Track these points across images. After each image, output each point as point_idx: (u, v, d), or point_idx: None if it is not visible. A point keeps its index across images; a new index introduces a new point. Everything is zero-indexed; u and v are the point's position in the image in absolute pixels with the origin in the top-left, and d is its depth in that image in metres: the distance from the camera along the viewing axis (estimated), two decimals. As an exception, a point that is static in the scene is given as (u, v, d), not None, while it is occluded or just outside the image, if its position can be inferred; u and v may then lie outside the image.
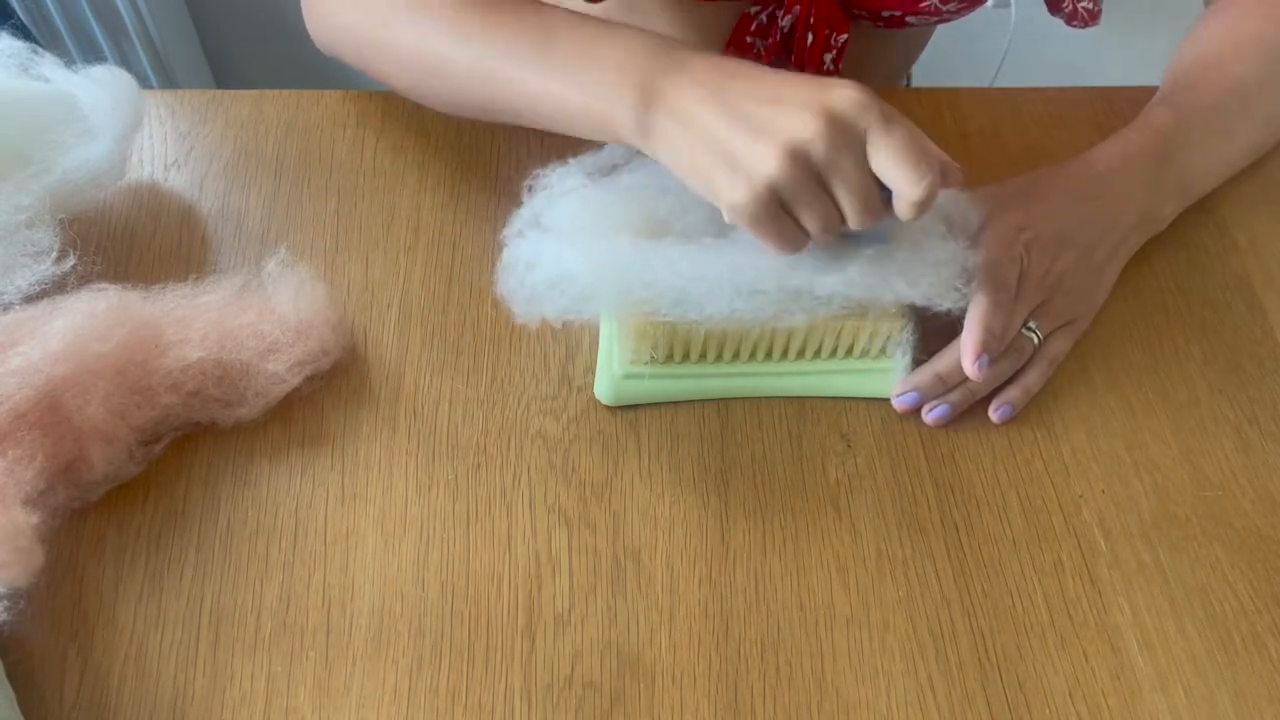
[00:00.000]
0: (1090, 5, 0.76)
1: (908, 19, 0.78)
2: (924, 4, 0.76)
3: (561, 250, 0.54)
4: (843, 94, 0.50)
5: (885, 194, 0.51)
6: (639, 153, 0.58)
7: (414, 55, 0.62)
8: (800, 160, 0.49)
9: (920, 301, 0.56)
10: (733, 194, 0.50)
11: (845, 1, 0.78)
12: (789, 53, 0.81)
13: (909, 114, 0.73)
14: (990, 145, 0.73)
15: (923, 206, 0.50)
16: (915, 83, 1.05)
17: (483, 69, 0.59)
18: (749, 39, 0.81)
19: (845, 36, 0.79)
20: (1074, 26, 0.78)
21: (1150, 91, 0.71)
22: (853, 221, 0.52)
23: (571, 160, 0.58)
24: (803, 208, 0.51)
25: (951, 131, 0.73)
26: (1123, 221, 0.63)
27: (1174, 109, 0.66)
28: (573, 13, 0.59)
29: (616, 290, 0.53)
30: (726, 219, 0.52)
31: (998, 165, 0.71)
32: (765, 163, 0.49)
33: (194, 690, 0.51)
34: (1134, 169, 0.64)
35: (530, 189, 0.57)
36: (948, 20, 0.80)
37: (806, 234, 0.52)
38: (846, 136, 0.49)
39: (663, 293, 0.53)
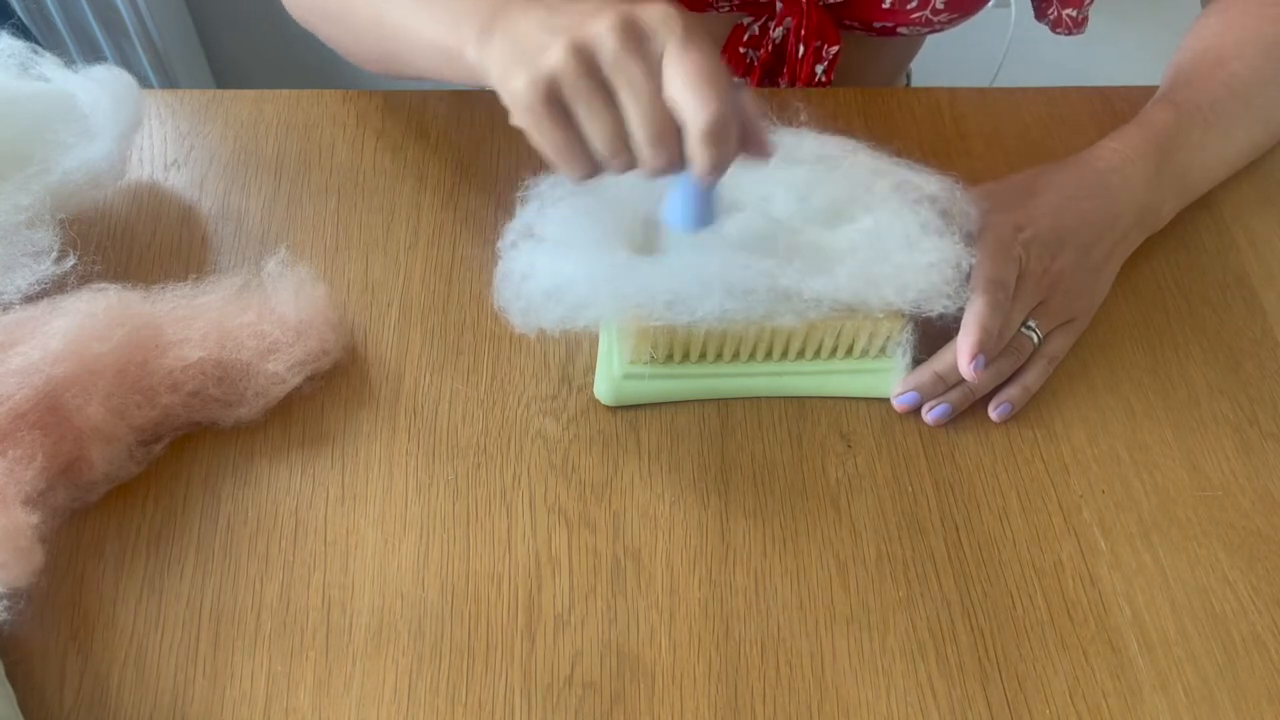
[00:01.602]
0: (1074, 14, 0.76)
1: (899, 29, 0.78)
2: (915, 15, 0.76)
3: (555, 259, 0.54)
4: (651, 6, 0.47)
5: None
6: None
7: (333, 6, 0.63)
8: (583, 55, 0.46)
9: (908, 308, 0.56)
10: (517, 83, 0.47)
11: (837, 13, 0.78)
12: (781, 64, 0.81)
13: (908, 114, 0.74)
14: (990, 145, 0.73)
15: (712, 140, 0.45)
16: (914, 83, 1.05)
17: (374, 13, 0.59)
18: (741, 50, 0.81)
19: (837, 49, 0.79)
20: (1059, 33, 0.78)
21: (1149, 91, 0.71)
22: (639, 144, 0.47)
23: None
24: (583, 108, 0.47)
25: (951, 131, 0.73)
26: (1122, 220, 0.63)
27: (1174, 107, 0.66)
28: None
29: (611, 296, 0.53)
30: (513, 118, 0.49)
31: (997, 165, 0.71)
32: (550, 54, 0.46)
33: (194, 690, 0.51)
34: (1134, 166, 0.64)
35: (522, 199, 0.57)
36: (939, 30, 0.80)
37: (591, 156, 0.49)
38: (639, 43, 0.46)
39: (656, 295, 0.53)
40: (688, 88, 0.45)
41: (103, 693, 0.50)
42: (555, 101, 0.47)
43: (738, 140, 0.47)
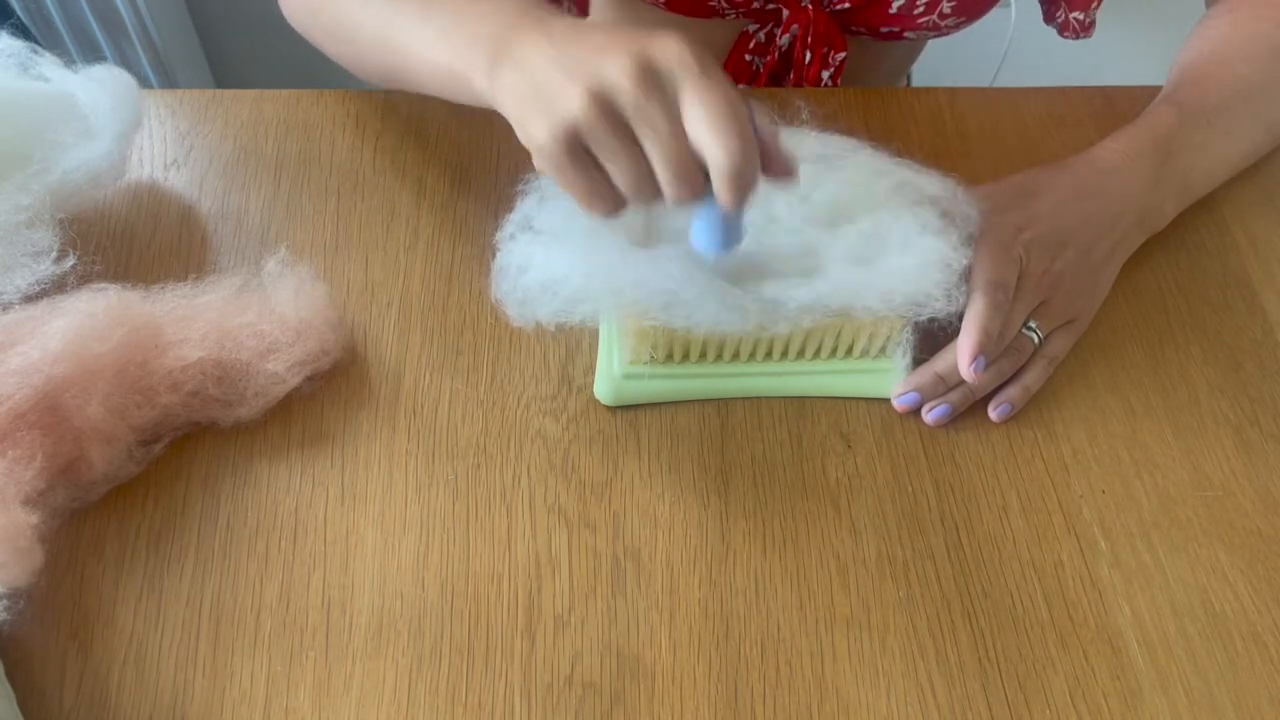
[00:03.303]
0: (1082, 17, 0.76)
1: (906, 34, 0.78)
2: (922, 20, 0.76)
3: (553, 252, 0.54)
4: (665, 42, 0.47)
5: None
6: None
7: (333, 22, 0.63)
8: (603, 102, 0.46)
9: (895, 314, 0.55)
10: (538, 133, 0.48)
11: (843, 19, 0.78)
12: (787, 70, 0.81)
13: (909, 114, 0.74)
14: (990, 145, 0.73)
15: (735, 179, 0.46)
16: (915, 83, 1.05)
17: (378, 33, 0.59)
18: (747, 57, 0.81)
19: (843, 55, 0.79)
20: (1066, 37, 0.78)
21: (1150, 91, 0.71)
22: (664, 183, 0.48)
23: None
24: (607, 155, 0.47)
25: (951, 131, 0.73)
26: (1123, 220, 0.63)
27: (1177, 108, 0.66)
28: None
29: (608, 291, 0.53)
30: (536, 165, 0.49)
31: (998, 165, 0.71)
32: (568, 101, 0.46)
33: (194, 690, 0.51)
34: (1135, 167, 0.64)
35: (521, 193, 0.57)
36: (945, 34, 0.80)
37: (617, 194, 0.49)
38: (656, 83, 0.46)
39: (653, 294, 0.53)
40: (708, 126, 0.45)
41: (103, 693, 0.50)
42: (577, 148, 0.48)
43: (759, 168, 0.47)
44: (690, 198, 0.48)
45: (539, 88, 0.48)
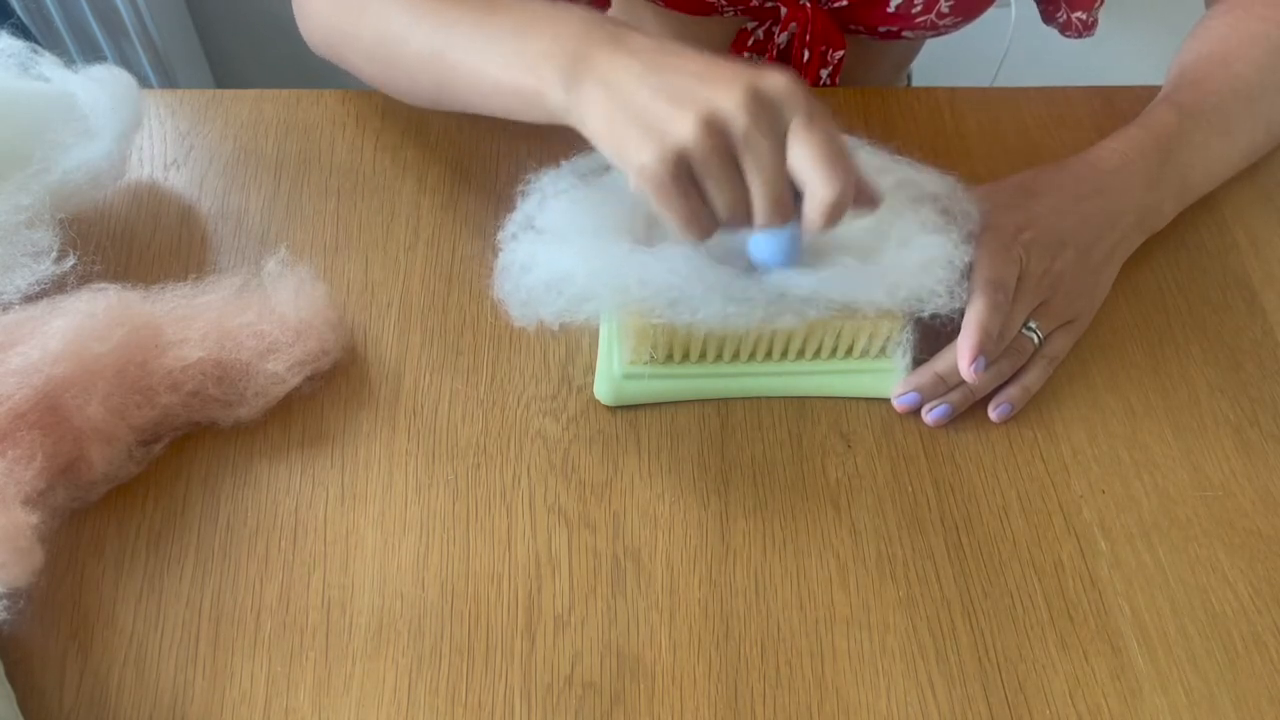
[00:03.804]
0: (1084, 16, 0.76)
1: (904, 33, 0.78)
2: (920, 19, 0.76)
3: (557, 251, 0.54)
4: (774, 79, 0.48)
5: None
6: None
7: (375, 43, 0.62)
8: (716, 130, 0.48)
9: (899, 309, 0.55)
10: (641, 155, 0.48)
11: (841, 17, 0.78)
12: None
13: (909, 114, 0.74)
14: (990, 145, 0.73)
15: (833, 214, 0.48)
16: (915, 82, 1.05)
17: (430, 50, 0.59)
18: (745, 55, 0.81)
19: (842, 53, 0.79)
20: (1068, 36, 0.78)
21: (1150, 91, 0.71)
22: (760, 211, 0.50)
23: (564, 163, 0.58)
24: (712, 183, 0.49)
25: (951, 131, 0.73)
26: (1122, 220, 0.63)
27: (1177, 107, 0.66)
28: None
29: (613, 289, 0.53)
30: (633, 185, 0.50)
31: (998, 165, 0.71)
32: (680, 127, 0.47)
33: (194, 690, 0.51)
34: (1135, 167, 0.64)
35: (523, 193, 0.57)
36: (944, 34, 0.80)
37: (714, 218, 0.51)
38: (769, 117, 0.48)
39: (659, 291, 0.53)
40: (815, 163, 0.48)
41: (103, 693, 0.50)
42: (683, 173, 0.49)
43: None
44: (781, 225, 0.50)
45: (641, 111, 0.49)
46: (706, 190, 0.49)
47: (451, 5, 0.58)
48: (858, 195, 0.50)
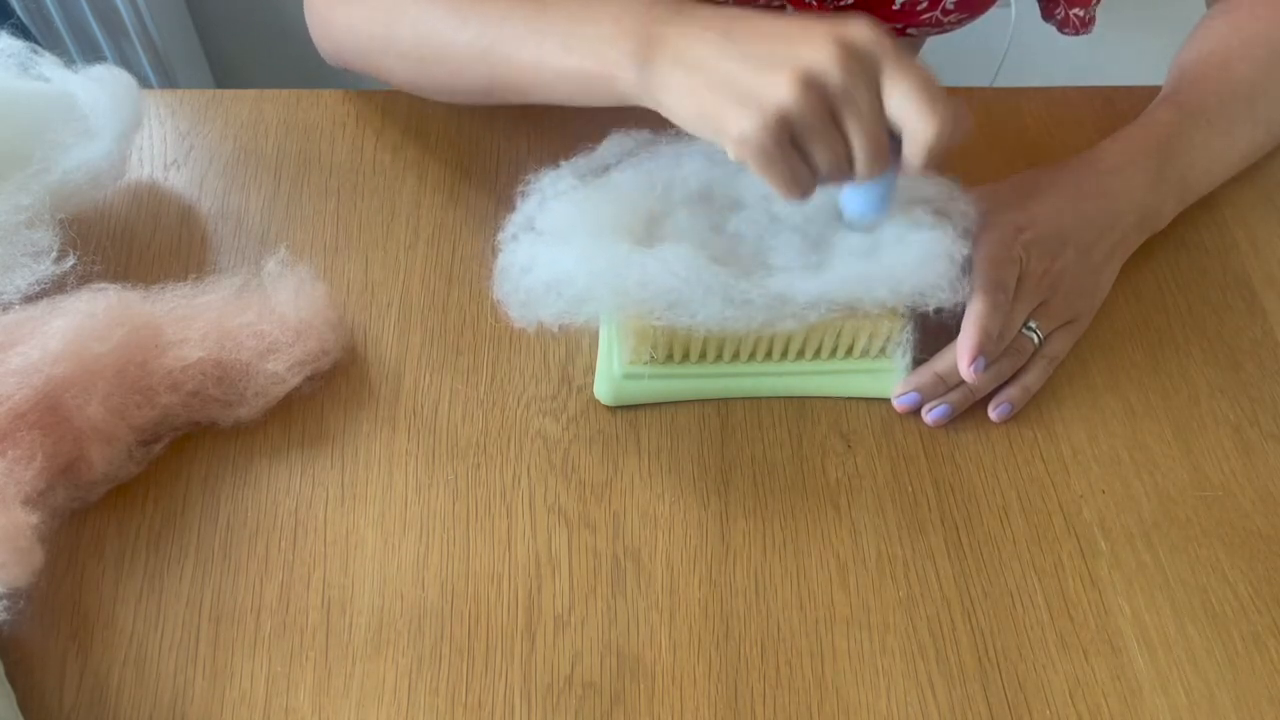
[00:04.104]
0: (1082, 13, 0.76)
1: (908, 30, 0.78)
2: (925, 16, 0.76)
3: (557, 252, 0.54)
4: (858, 26, 0.48)
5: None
6: (629, 153, 0.58)
7: (415, 44, 0.62)
8: (815, 87, 0.47)
9: (904, 306, 0.55)
10: (741, 124, 0.48)
11: (845, 14, 0.78)
12: None
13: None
14: (990, 145, 0.73)
15: (935, 150, 0.48)
16: (915, 82, 1.05)
17: (481, 46, 0.58)
18: None
19: None
20: (1066, 33, 0.78)
21: (1151, 91, 0.71)
22: (861, 163, 0.50)
23: (563, 163, 0.58)
24: (816, 140, 0.49)
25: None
26: (1122, 220, 0.63)
27: (1177, 108, 0.66)
28: None
29: (612, 291, 0.53)
30: (734, 156, 0.49)
31: (998, 165, 0.71)
32: (778, 90, 0.47)
33: (194, 690, 0.51)
34: (1135, 167, 0.64)
35: (523, 194, 0.57)
36: (947, 31, 0.80)
37: (814, 176, 0.50)
38: (863, 64, 0.48)
39: (658, 294, 0.53)
40: (914, 105, 0.48)
41: (103, 693, 0.50)
42: (784, 136, 0.48)
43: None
44: (881, 173, 0.50)
45: (730, 82, 0.48)
46: (809, 150, 0.49)
47: (496, 1, 0.58)
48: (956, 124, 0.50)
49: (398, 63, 0.64)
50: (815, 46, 0.47)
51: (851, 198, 0.53)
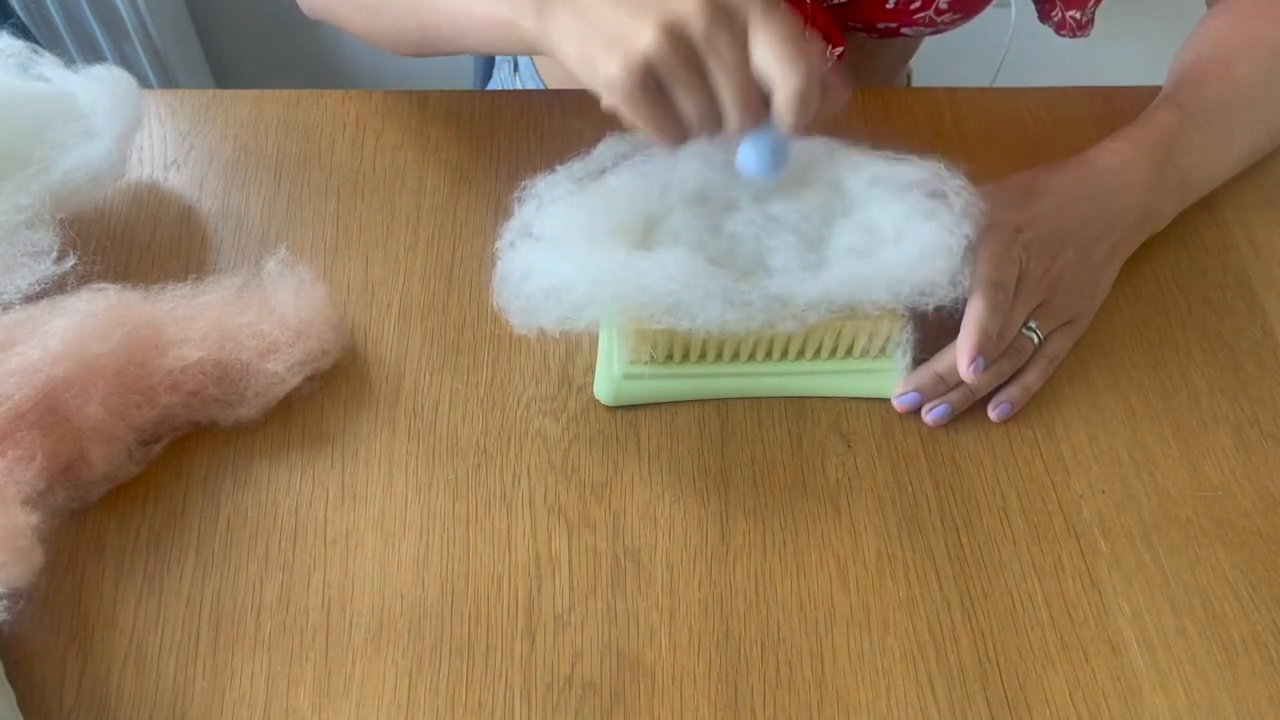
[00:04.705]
0: (1079, 15, 0.76)
1: (903, 30, 0.78)
2: (919, 16, 0.76)
3: (555, 258, 0.54)
4: None
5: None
6: (625, 155, 0.58)
7: None
8: (677, 35, 0.48)
9: (904, 305, 0.55)
10: (609, 69, 0.49)
11: (840, 14, 0.78)
12: None
13: (908, 114, 0.74)
14: (990, 145, 0.73)
15: (802, 106, 0.49)
16: (915, 82, 1.05)
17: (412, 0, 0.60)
18: None
19: (841, 50, 0.79)
20: (1063, 36, 0.78)
21: (1150, 91, 0.71)
22: (729, 113, 0.50)
23: (559, 168, 0.59)
24: (680, 88, 0.49)
25: (951, 131, 0.73)
26: (1122, 220, 0.63)
27: (1178, 108, 0.66)
28: None
29: (612, 296, 0.53)
30: (605, 100, 0.50)
31: (997, 165, 0.71)
32: (642, 36, 0.48)
33: (194, 690, 0.51)
34: (1136, 167, 0.64)
35: (520, 199, 0.57)
36: (942, 31, 0.80)
37: (684, 126, 0.51)
38: (726, 16, 0.48)
39: (657, 297, 0.53)
40: (777, 56, 0.48)
41: (103, 693, 0.50)
42: (649, 82, 0.49)
43: (820, 93, 0.49)
44: (753, 125, 0.50)
45: (605, 26, 0.50)
46: (675, 98, 0.50)
47: None
48: (824, 89, 0.50)
49: (353, 11, 0.66)
50: None
51: (743, 153, 0.53)
